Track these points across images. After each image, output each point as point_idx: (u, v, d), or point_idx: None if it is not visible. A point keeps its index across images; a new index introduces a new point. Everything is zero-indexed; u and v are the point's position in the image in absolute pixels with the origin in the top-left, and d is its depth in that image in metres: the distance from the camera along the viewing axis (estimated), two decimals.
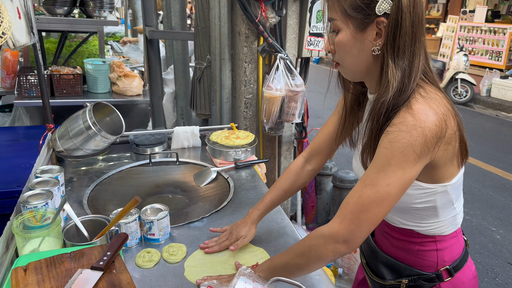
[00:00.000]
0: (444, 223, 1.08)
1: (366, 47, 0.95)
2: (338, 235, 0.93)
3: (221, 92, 2.33)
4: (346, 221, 0.92)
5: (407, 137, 0.87)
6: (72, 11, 3.36)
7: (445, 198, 1.03)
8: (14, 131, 2.79)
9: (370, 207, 0.90)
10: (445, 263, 1.09)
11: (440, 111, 0.89)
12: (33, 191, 1.25)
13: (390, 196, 0.90)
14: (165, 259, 1.20)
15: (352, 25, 0.93)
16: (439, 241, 1.09)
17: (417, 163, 0.90)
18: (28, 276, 0.97)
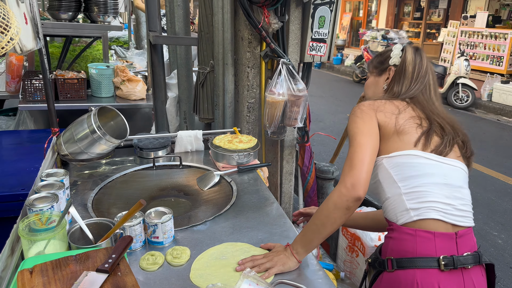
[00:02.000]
0: (391, 202, 1.27)
1: (380, 85, 1.52)
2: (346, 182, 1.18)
3: (224, 96, 2.35)
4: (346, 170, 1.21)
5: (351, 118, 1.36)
6: (76, 16, 3.40)
7: (384, 172, 1.28)
8: (18, 134, 2.82)
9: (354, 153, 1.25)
10: (392, 253, 1.23)
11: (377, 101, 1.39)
12: (38, 194, 1.27)
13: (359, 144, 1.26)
14: (169, 262, 1.21)
15: (375, 73, 1.55)
16: (393, 230, 1.26)
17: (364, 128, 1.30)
18: (34, 278, 0.98)
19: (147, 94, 3.41)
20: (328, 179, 2.87)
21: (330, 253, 2.82)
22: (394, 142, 1.29)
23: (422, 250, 1.20)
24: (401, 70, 1.42)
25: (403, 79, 1.41)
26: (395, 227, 1.26)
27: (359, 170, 1.19)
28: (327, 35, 2.24)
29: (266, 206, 1.60)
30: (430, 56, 12.67)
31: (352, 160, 1.21)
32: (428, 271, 1.18)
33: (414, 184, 1.25)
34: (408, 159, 1.27)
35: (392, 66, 1.45)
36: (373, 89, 1.53)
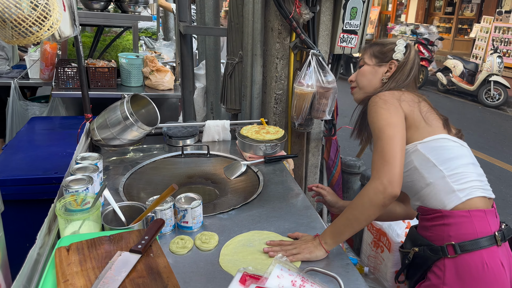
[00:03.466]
0: (436, 186, 1.25)
1: (378, 77, 1.48)
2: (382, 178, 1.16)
3: (251, 87, 2.35)
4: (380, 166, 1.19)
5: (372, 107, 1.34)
6: (108, 6, 3.46)
7: (420, 157, 1.27)
8: (51, 120, 2.90)
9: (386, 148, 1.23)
10: (451, 238, 1.20)
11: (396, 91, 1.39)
12: (74, 176, 1.31)
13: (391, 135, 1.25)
14: (198, 246, 1.23)
15: (374, 61, 1.50)
16: (446, 216, 1.23)
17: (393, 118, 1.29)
18: (71, 255, 1.02)
19: (175, 84, 3.44)
20: (354, 173, 2.85)
21: (354, 247, 2.80)
22: (424, 128, 1.29)
23: (481, 229, 1.20)
24: (401, 66, 1.44)
25: (400, 74, 1.43)
26: (445, 213, 1.24)
27: (393, 165, 1.17)
28: (359, 26, 2.21)
29: (292, 197, 1.61)
30: (461, 52, 12.32)
31: (384, 155, 1.20)
32: (491, 249, 1.19)
33: (454, 166, 1.26)
34: (442, 143, 1.28)
35: (395, 60, 1.45)
36: (369, 79, 1.49)
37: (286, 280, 0.79)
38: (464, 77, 8.57)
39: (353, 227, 1.21)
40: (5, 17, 1.01)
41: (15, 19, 1.05)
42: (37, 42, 1.17)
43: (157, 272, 0.97)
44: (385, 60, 1.47)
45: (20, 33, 1.10)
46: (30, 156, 2.17)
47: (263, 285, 0.78)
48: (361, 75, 1.51)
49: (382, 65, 1.47)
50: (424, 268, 1.27)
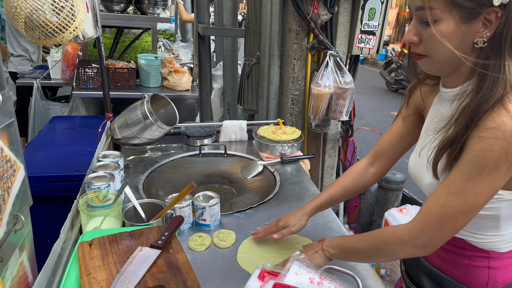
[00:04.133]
0: (504, 238, 0.99)
1: (468, 39, 0.85)
2: (418, 240, 0.91)
3: (268, 88, 2.36)
4: (428, 228, 0.90)
5: (503, 145, 0.79)
6: (128, 8, 3.52)
7: (510, 209, 0.94)
8: (72, 120, 2.97)
9: (455, 217, 0.87)
10: (497, 284, 1.00)
11: None
12: (96, 174, 1.34)
13: (477, 206, 0.86)
14: (216, 244, 1.25)
15: (458, 15, 0.83)
16: (493, 258, 1.00)
17: (508, 172, 0.83)
18: (93, 250, 1.05)
19: (192, 85, 3.48)
20: None
21: None
22: None
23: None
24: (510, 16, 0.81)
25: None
26: (495, 255, 1.00)
27: (445, 238, 0.91)
28: (377, 27, 2.20)
29: (309, 197, 1.61)
30: None
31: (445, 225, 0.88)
32: None
33: None
34: None
35: (498, 7, 0.81)
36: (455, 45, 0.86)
37: (304, 277, 0.80)
38: None
39: (360, 260, 1.08)
40: (33, 18, 1.05)
41: (43, 20, 1.09)
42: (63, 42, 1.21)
43: (176, 268, 0.99)
44: (478, 10, 0.83)
45: (47, 34, 1.14)
46: (51, 154, 2.23)
47: (282, 281, 0.79)
48: (437, 39, 0.86)
49: (473, 19, 0.84)
50: None
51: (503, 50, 0.83)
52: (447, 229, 0.88)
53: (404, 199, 2.82)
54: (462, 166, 0.86)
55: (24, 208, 0.97)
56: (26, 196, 0.98)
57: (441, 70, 0.94)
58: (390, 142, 1.21)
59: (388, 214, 2.46)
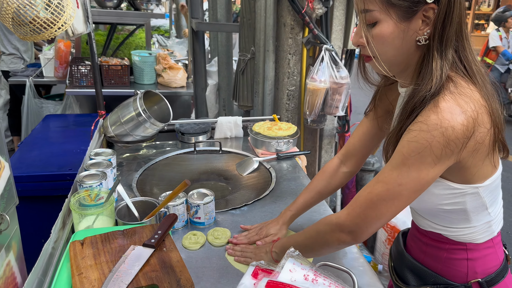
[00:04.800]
0: (476, 229, 0.99)
1: (410, 38, 0.87)
2: (344, 225, 0.95)
3: (264, 83, 2.34)
4: (353, 214, 0.93)
5: (426, 137, 0.82)
6: (121, 4, 3.49)
7: (476, 201, 0.95)
8: (65, 118, 2.94)
9: (378, 204, 0.89)
10: (477, 275, 1.01)
11: (470, 108, 0.82)
12: (88, 172, 1.32)
13: (401, 196, 0.88)
14: (210, 242, 1.23)
15: (396, 15, 0.86)
16: (471, 250, 1.01)
17: (436, 165, 0.85)
18: (85, 249, 1.02)
19: (187, 82, 3.46)
20: (368, 170, 2.82)
21: (368, 245, 2.78)
22: (488, 166, 0.93)
23: (501, 255, 1.05)
24: (446, 11, 0.84)
25: (448, 28, 0.85)
26: (472, 246, 1.01)
27: (371, 227, 0.93)
28: None
29: None
30: (478, 48, 12.09)
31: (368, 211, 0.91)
32: (509, 273, 1.07)
33: (498, 205, 1.03)
34: (498, 179, 0.99)
35: (433, 3, 0.84)
36: (397, 45, 0.88)
37: (299, 274, 0.78)
38: None
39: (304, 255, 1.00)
40: (20, 13, 1.02)
41: (30, 16, 1.06)
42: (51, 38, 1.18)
43: (170, 266, 0.97)
44: (414, 8, 0.84)
45: (34, 30, 1.11)
46: (45, 153, 2.20)
47: (276, 278, 0.77)
48: (379, 40, 0.89)
49: (412, 18, 0.86)
50: None
51: (431, 47, 0.86)
52: (370, 216, 0.90)
53: None
54: (392, 157, 0.90)
55: (10, 207, 0.94)
56: (12, 196, 0.95)
57: (390, 70, 0.94)
58: (362, 140, 1.22)
59: None
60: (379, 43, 0.89)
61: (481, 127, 0.84)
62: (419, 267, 1.08)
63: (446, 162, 0.85)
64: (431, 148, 0.82)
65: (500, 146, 0.92)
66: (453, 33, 0.85)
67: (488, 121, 0.85)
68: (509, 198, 4.12)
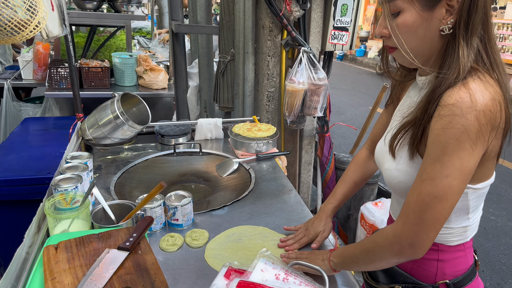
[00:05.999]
0: (453, 232, 1.00)
1: (434, 27, 0.86)
2: (402, 236, 0.87)
3: (244, 85, 2.35)
4: (409, 222, 0.86)
5: (461, 121, 0.78)
6: (101, 6, 3.46)
7: (461, 202, 0.94)
8: (44, 121, 2.90)
9: (432, 204, 0.83)
10: (445, 277, 1.01)
11: (497, 97, 0.81)
12: (63, 175, 1.31)
13: (451, 188, 0.82)
14: (188, 243, 1.24)
15: (419, 4, 0.85)
16: (442, 251, 1.01)
17: (474, 151, 0.81)
18: (59, 253, 1.02)
19: (169, 83, 3.45)
20: None
21: (348, 243, 2.81)
22: (488, 169, 0.92)
23: (470, 261, 1.05)
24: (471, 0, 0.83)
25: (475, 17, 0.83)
26: (443, 248, 1.02)
27: (432, 232, 0.86)
28: (350, 23, 2.22)
29: (284, 193, 1.61)
30: None
31: (424, 214, 0.84)
32: (477, 278, 1.08)
33: (478, 213, 1.02)
34: (487, 189, 0.98)
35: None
36: (420, 35, 0.88)
37: (270, 274, 0.80)
38: None
39: (361, 268, 1.05)
40: None
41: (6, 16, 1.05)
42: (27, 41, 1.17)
43: (144, 269, 0.97)
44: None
45: (7, 32, 1.10)
46: (23, 156, 2.17)
47: (247, 279, 0.78)
48: (403, 30, 0.89)
49: (435, 6, 0.85)
50: None
51: (457, 36, 0.84)
52: (427, 219, 0.84)
53: (380, 192, 2.85)
54: (428, 150, 0.85)
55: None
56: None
57: (413, 62, 0.93)
58: (382, 129, 1.23)
59: (364, 208, 2.49)
60: (402, 32, 0.88)
61: (501, 120, 0.82)
62: (391, 267, 1.09)
63: (480, 150, 0.82)
64: (467, 132, 0.79)
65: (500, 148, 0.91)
66: (479, 21, 0.84)
67: (504, 117, 0.83)
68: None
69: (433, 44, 0.89)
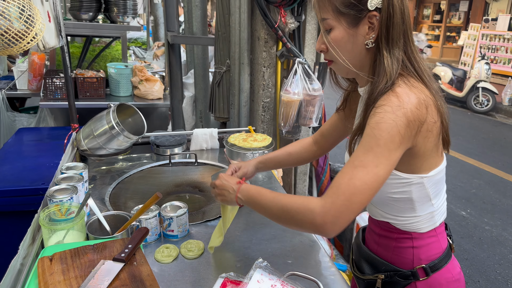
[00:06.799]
0: (421, 219, 1.10)
1: (360, 42, 0.99)
2: (328, 215, 0.90)
3: (239, 96, 2.37)
4: (338, 203, 0.90)
5: (392, 117, 0.90)
6: (97, 17, 3.47)
7: (421, 192, 1.05)
8: (39, 131, 2.88)
9: (363, 189, 0.90)
10: (421, 261, 1.11)
11: (422, 97, 0.93)
12: (59, 186, 1.31)
13: (379, 177, 0.91)
14: (183, 254, 1.23)
15: (345, 22, 0.98)
16: (416, 239, 1.11)
17: (401, 145, 0.92)
18: (53, 265, 1.01)
19: (164, 94, 3.45)
20: None
21: (344, 254, 2.81)
22: (433, 158, 1.03)
23: (444, 244, 1.15)
24: (387, 17, 0.96)
25: (393, 32, 0.96)
26: (416, 235, 1.11)
27: (353, 215, 0.91)
28: None
29: None
30: (450, 59, 12.50)
31: (354, 197, 0.89)
32: (453, 260, 1.17)
33: (441, 197, 1.12)
34: (442, 173, 1.08)
35: (375, 11, 0.96)
36: (348, 48, 1.01)
37: (266, 285, 0.80)
38: (453, 84, 8.69)
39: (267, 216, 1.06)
40: None
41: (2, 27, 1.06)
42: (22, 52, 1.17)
43: (140, 280, 0.97)
44: (359, 15, 0.97)
45: (5, 44, 1.10)
46: (17, 167, 2.16)
47: None
48: (334, 44, 1.01)
49: (358, 24, 0.98)
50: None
51: (380, 48, 0.98)
52: (355, 202, 0.90)
53: None
54: (363, 141, 0.94)
55: None
56: None
57: (349, 72, 1.06)
58: (331, 129, 1.37)
59: (359, 218, 2.49)
60: (334, 47, 1.01)
61: (430, 116, 0.94)
62: (372, 257, 1.19)
63: (407, 144, 0.94)
64: (397, 127, 0.90)
65: (445, 141, 1.04)
66: (397, 35, 0.97)
67: (436, 114, 0.96)
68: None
69: (362, 56, 1.02)
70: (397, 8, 0.95)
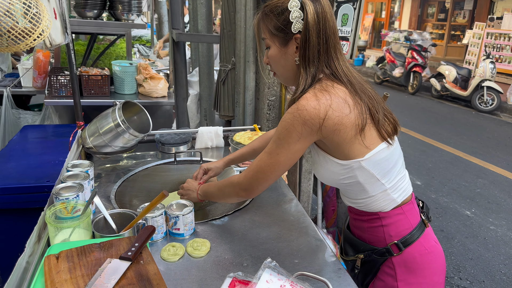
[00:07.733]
0: (376, 198, 1.21)
1: (290, 58, 1.18)
2: (242, 184, 1.25)
3: (244, 94, 2.36)
4: (248, 176, 1.24)
5: (289, 117, 1.11)
6: (101, 14, 3.46)
7: (365, 173, 1.17)
8: (43, 129, 2.89)
9: (265, 169, 1.19)
10: (392, 238, 1.22)
11: (324, 98, 1.09)
12: (65, 184, 1.30)
13: (279, 162, 1.16)
14: (190, 253, 1.23)
15: (278, 42, 1.18)
16: (383, 218, 1.23)
17: (300, 139, 1.12)
18: (60, 263, 1.01)
19: (169, 92, 3.45)
20: None
21: None
22: (356, 145, 1.14)
23: (413, 220, 1.25)
24: (305, 39, 1.13)
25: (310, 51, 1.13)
26: (383, 214, 1.23)
27: (261, 186, 1.23)
28: (350, 33, 2.23)
29: (285, 202, 1.61)
30: (454, 58, 12.44)
31: (258, 174, 1.21)
32: (425, 234, 1.26)
33: (393, 176, 1.21)
34: (382, 154, 1.17)
35: (297, 33, 1.14)
36: (282, 64, 1.20)
37: (275, 285, 0.79)
38: (458, 82, 8.65)
39: (214, 200, 1.47)
40: None
41: (5, 27, 1.05)
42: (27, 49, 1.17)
43: (147, 279, 0.96)
44: (288, 37, 1.16)
45: (11, 40, 1.10)
46: (22, 164, 2.16)
47: None
48: (271, 60, 1.22)
49: (287, 44, 1.17)
50: (374, 271, 1.27)
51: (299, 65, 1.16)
52: (260, 178, 1.20)
53: None
54: (275, 133, 1.18)
55: None
56: None
57: (288, 82, 1.27)
58: None
59: None
60: (271, 62, 1.23)
61: (337, 112, 1.09)
62: (353, 239, 1.33)
63: (309, 137, 1.12)
64: (293, 125, 1.10)
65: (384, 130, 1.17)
66: (313, 55, 1.13)
67: (347, 109, 1.10)
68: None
69: (294, 70, 1.20)
70: (313, 32, 1.11)
